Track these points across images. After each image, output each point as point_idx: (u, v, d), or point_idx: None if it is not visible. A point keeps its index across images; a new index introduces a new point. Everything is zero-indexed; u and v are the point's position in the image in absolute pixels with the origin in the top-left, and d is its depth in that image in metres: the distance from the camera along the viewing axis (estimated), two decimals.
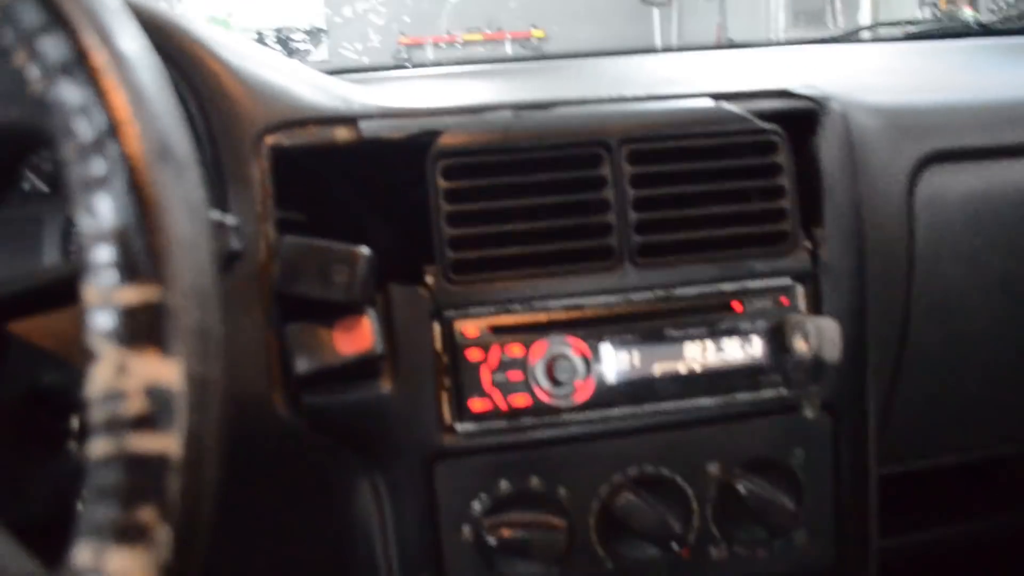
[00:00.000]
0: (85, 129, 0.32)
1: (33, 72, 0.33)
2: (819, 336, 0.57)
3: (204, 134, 0.55)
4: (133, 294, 0.31)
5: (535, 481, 0.60)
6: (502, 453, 0.59)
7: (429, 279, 0.58)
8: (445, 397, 0.58)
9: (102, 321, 0.31)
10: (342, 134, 0.58)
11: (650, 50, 1.16)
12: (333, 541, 0.61)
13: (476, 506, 0.59)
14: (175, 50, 0.56)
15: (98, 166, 0.32)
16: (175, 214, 0.32)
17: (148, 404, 0.30)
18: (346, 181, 0.62)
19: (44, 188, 0.66)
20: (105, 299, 0.31)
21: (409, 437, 0.58)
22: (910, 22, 1.43)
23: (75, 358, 0.35)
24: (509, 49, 4.75)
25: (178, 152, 0.34)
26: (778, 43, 1.25)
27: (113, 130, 0.32)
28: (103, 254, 0.31)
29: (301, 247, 0.52)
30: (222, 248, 0.47)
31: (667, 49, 1.24)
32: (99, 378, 0.30)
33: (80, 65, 0.33)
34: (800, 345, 0.58)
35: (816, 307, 0.63)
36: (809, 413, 0.60)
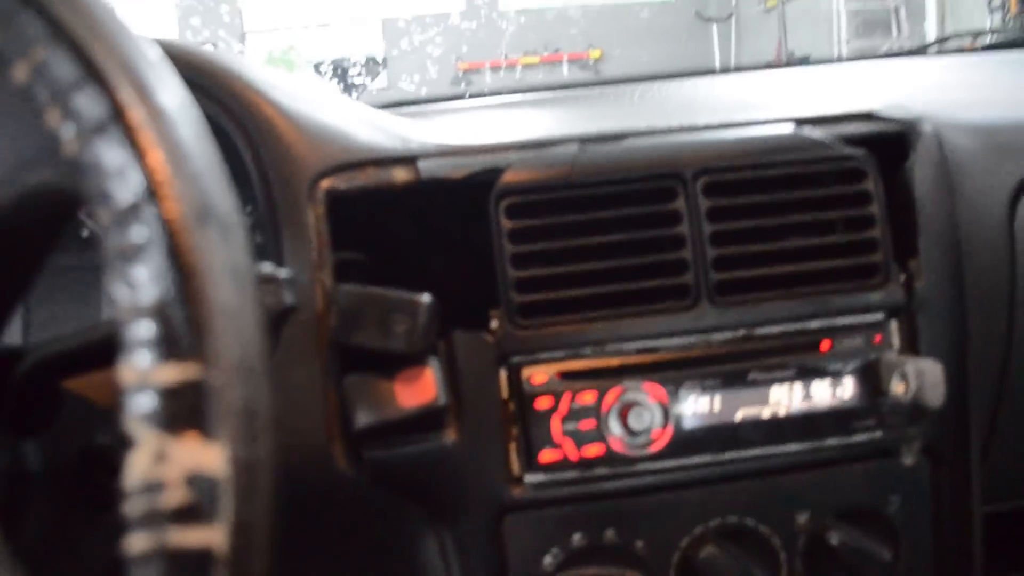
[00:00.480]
0: (121, 193, 0.30)
1: (67, 132, 0.31)
2: (920, 379, 0.52)
3: (257, 180, 0.53)
4: (172, 373, 0.28)
5: (610, 534, 0.56)
6: (575, 505, 0.56)
7: (494, 324, 0.55)
8: (513, 447, 0.55)
9: (139, 403, 0.28)
10: (400, 175, 0.56)
11: (711, 71, 1.12)
12: None
13: (548, 560, 0.56)
14: (226, 95, 0.54)
15: (134, 233, 0.29)
16: (217, 283, 0.30)
17: (190, 494, 0.28)
18: (406, 223, 0.59)
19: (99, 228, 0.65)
20: (142, 379, 0.28)
21: (476, 490, 0.55)
22: (980, 32, 1.36)
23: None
24: (566, 71, 4.73)
25: (221, 213, 0.31)
26: (843, 59, 1.19)
27: (150, 194, 0.30)
28: (139, 330, 0.29)
29: (359, 295, 0.50)
30: (274, 305, 0.45)
31: (728, 69, 1.19)
32: (137, 467, 0.28)
33: (115, 124, 0.31)
34: (898, 388, 0.54)
35: (912, 344, 0.58)
36: (909, 460, 0.56)
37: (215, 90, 0.54)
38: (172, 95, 0.32)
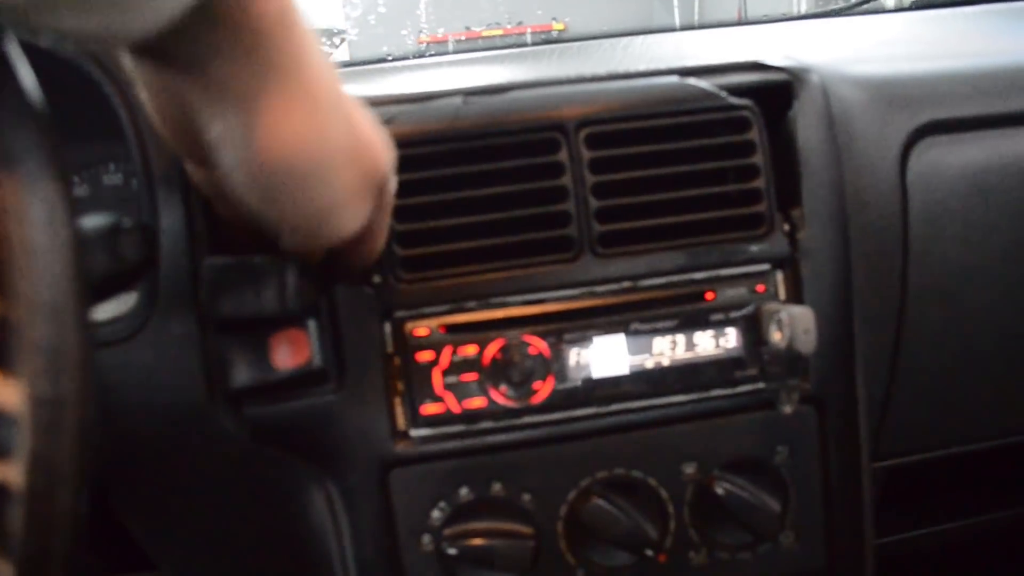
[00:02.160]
0: None
1: None
2: (792, 326, 0.53)
3: (132, 138, 0.53)
4: None
5: (497, 487, 0.56)
6: (460, 459, 0.56)
7: (377, 278, 0.55)
8: (398, 402, 0.55)
9: None
10: None
11: (663, 30, 1.12)
12: (288, 552, 0.58)
13: (435, 515, 0.56)
14: (109, 62, 0.53)
15: None
16: (25, 224, 0.30)
17: None
18: None
19: None
20: None
21: (361, 444, 0.55)
22: None
23: None
24: (529, 40, 4.71)
25: (34, 159, 0.31)
26: (792, 17, 1.19)
27: None
28: None
29: (225, 266, 0.49)
30: (125, 256, 0.45)
31: (682, 28, 1.19)
32: None
33: None
34: (775, 336, 0.54)
35: (797, 294, 0.58)
36: (787, 408, 0.56)
37: (97, 55, 0.53)
38: None
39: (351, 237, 0.45)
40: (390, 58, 1.00)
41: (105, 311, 0.53)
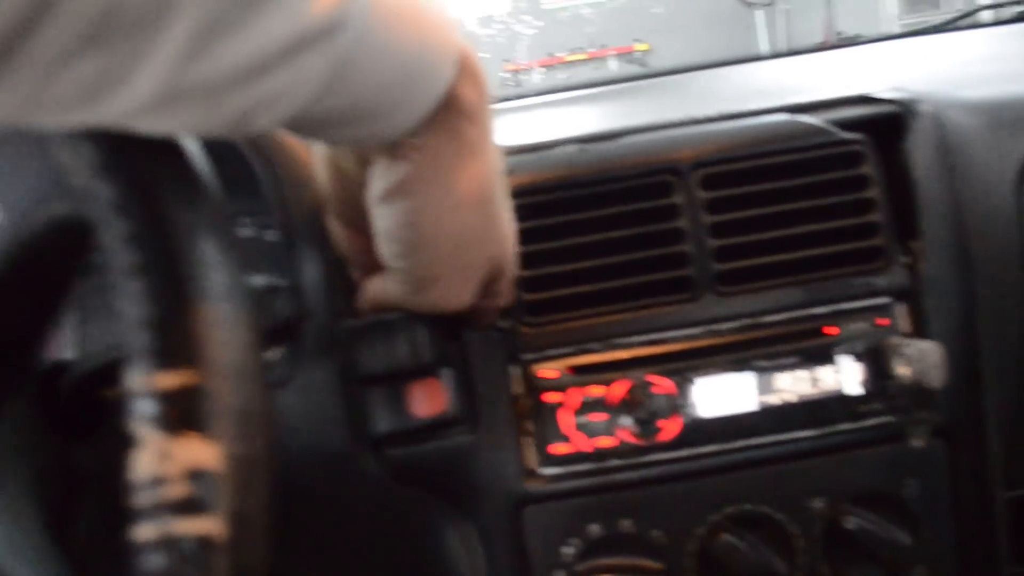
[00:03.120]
0: (122, 220, 0.33)
1: (75, 166, 0.34)
2: (921, 361, 0.53)
3: (273, 197, 0.56)
4: (171, 380, 0.31)
5: (627, 523, 0.58)
6: (590, 496, 0.58)
7: (504, 323, 0.57)
8: (527, 442, 0.57)
9: (143, 407, 0.31)
10: None
11: (757, 58, 1.12)
12: None
13: (567, 551, 0.58)
14: None
15: (133, 253, 0.32)
16: (210, 296, 0.33)
17: (190, 488, 0.31)
18: None
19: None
20: (144, 385, 0.31)
21: (494, 484, 0.57)
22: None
23: None
24: (615, 66, 4.72)
25: (216, 230, 0.34)
26: (889, 36, 1.18)
27: (146, 221, 0.33)
28: (141, 340, 0.32)
29: (358, 327, 0.52)
30: (278, 314, 0.48)
31: (776, 55, 1.19)
32: (142, 464, 0.31)
33: (119, 159, 0.34)
34: (901, 370, 0.54)
35: (920, 326, 0.58)
36: (916, 442, 0.56)
37: None
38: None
39: (452, 311, 0.48)
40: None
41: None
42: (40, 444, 0.50)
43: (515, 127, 0.87)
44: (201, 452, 0.31)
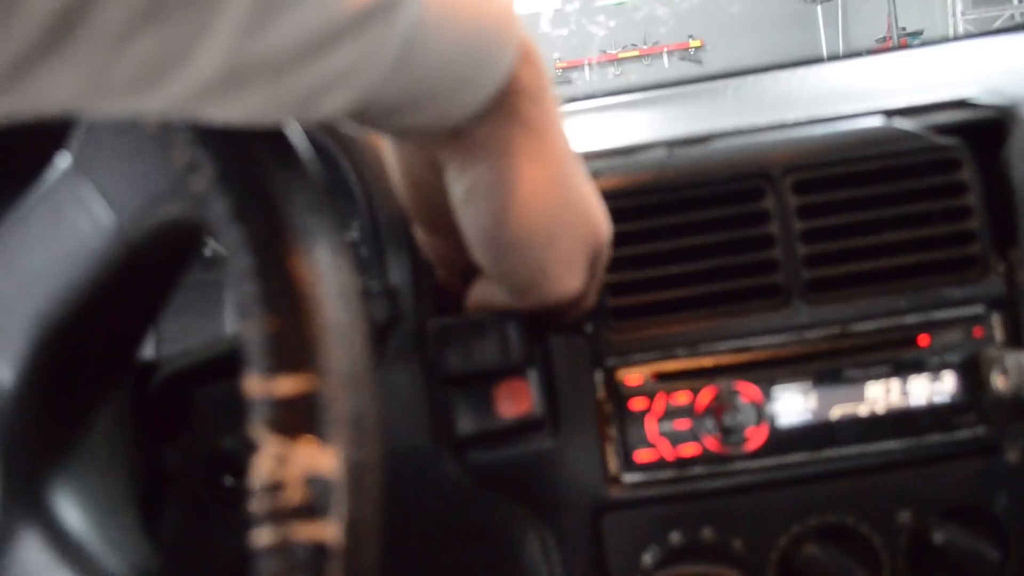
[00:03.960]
0: (241, 226, 0.33)
1: (194, 170, 0.35)
2: (1020, 373, 0.51)
3: (362, 201, 0.57)
4: (289, 385, 0.32)
5: (708, 532, 0.57)
6: (672, 504, 0.57)
7: (589, 327, 0.57)
8: (610, 448, 0.57)
9: (261, 412, 0.32)
10: None
11: (815, 60, 1.10)
12: None
13: (647, 558, 0.57)
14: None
15: (253, 259, 0.33)
16: (327, 303, 0.33)
17: (307, 493, 0.31)
18: None
19: (223, 252, 0.70)
20: (263, 391, 0.32)
21: (575, 489, 0.57)
22: None
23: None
24: (666, 62, 4.69)
25: (329, 239, 0.34)
26: (955, 38, 1.15)
27: (267, 227, 0.33)
28: (259, 345, 0.32)
29: (449, 325, 0.52)
30: (378, 318, 0.48)
31: (833, 57, 1.17)
32: (261, 468, 0.31)
33: (231, 163, 0.34)
34: (999, 382, 0.53)
35: (1016, 337, 0.57)
36: (1012, 456, 0.54)
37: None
38: (282, 129, 0.36)
39: (567, 300, 0.47)
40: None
41: None
42: (133, 441, 0.51)
43: (581, 129, 0.87)
44: (318, 457, 0.32)
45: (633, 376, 0.57)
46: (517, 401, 0.54)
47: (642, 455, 0.56)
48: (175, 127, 0.34)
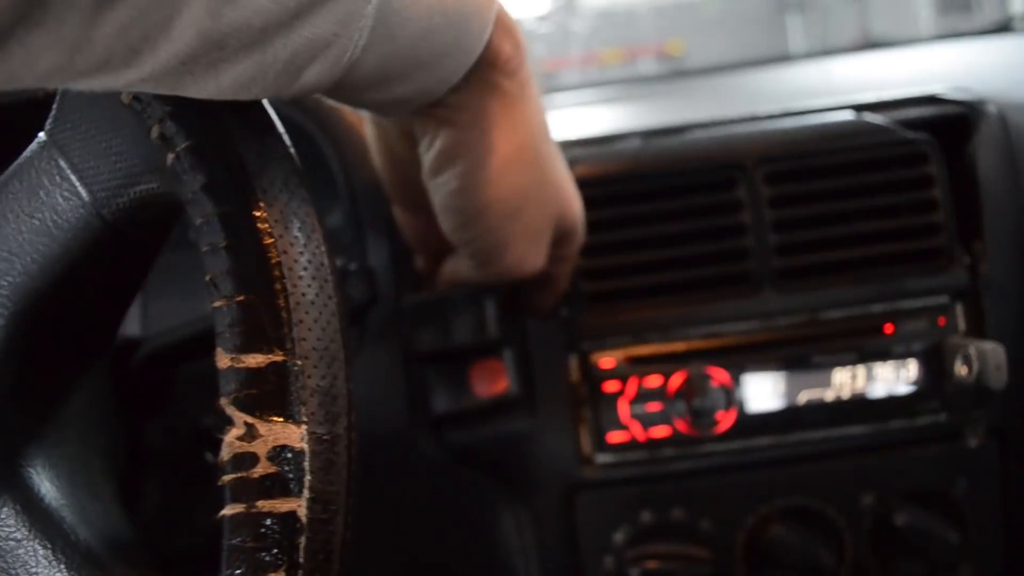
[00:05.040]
0: (213, 200, 0.34)
1: (168, 144, 0.35)
2: (982, 361, 0.53)
3: (342, 183, 0.57)
4: (258, 360, 0.32)
5: (677, 512, 0.59)
6: (643, 484, 0.59)
7: (564, 311, 0.58)
8: (584, 429, 0.58)
9: (231, 386, 0.32)
10: None
11: (788, 58, 1.12)
12: (477, 570, 0.61)
13: (618, 537, 0.59)
14: (311, 102, 0.58)
15: (225, 234, 0.33)
16: (299, 279, 0.34)
17: (275, 467, 0.32)
18: None
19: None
20: (233, 364, 0.32)
21: (549, 469, 0.58)
22: None
23: None
24: (647, 66, 4.71)
25: (303, 217, 0.35)
26: (924, 39, 1.17)
27: (240, 202, 0.34)
28: (230, 319, 0.33)
29: (424, 302, 0.53)
30: (355, 297, 0.49)
31: (807, 56, 1.19)
32: (230, 442, 0.32)
33: (208, 138, 0.34)
34: (961, 370, 0.55)
35: (978, 327, 0.59)
36: (974, 442, 0.56)
37: (305, 102, 0.59)
38: (258, 104, 0.36)
39: (532, 277, 0.48)
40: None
41: None
42: (113, 417, 0.51)
43: (562, 121, 0.89)
44: (286, 432, 0.32)
45: (607, 359, 0.58)
46: (492, 380, 0.55)
47: (615, 436, 0.58)
48: (149, 100, 0.35)
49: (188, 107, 0.34)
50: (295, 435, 0.32)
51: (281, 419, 0.32)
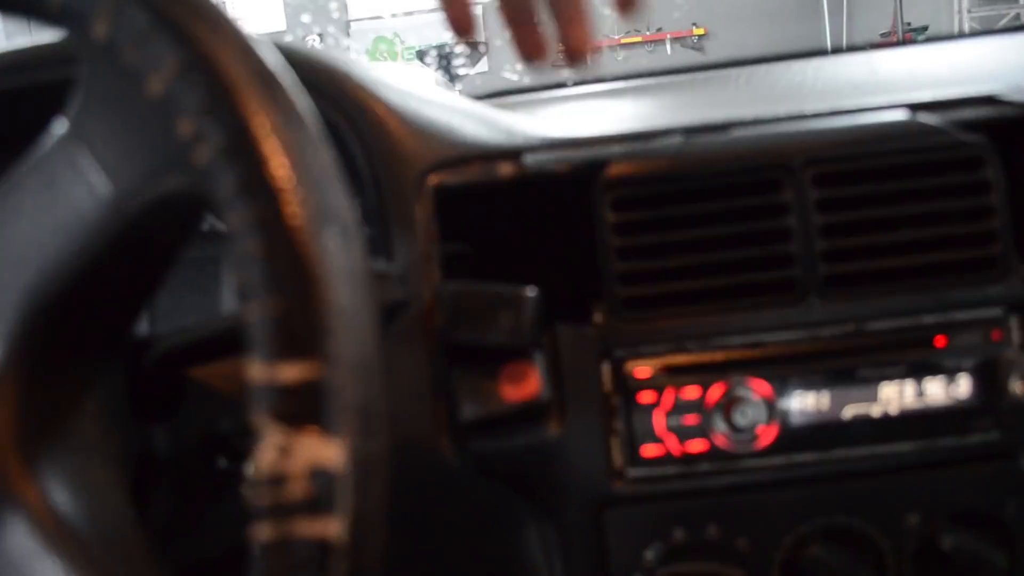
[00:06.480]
0: (247, 201, 0.31)
1: (197, 141, 0.33)
2: None
3: (368, 176, 0.55)
4: (294, 372, 0.30)
5: (712, 530, 0.56)
6: (677, 500, 0.56)
7: (598, 317, 0.55)
8: (616, 441, 0.55)
9: (265, 400, 0.30)
10: (506, 169, 0.56)
11: (822, 52, 1.08)
12: None
13: (649, 555, 0.56)
14: (338, 93, 0.55)
15: (260, 238, 0.31)
16: (337, 286, 0.31)
17: (311, 487, 0.29)
18: (512, 216, 0.60)
19: (222, 228, 0.68)
20: (267, 377, 0.30)
21: (578, 482, 0.56)
22: None
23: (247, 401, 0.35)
24: (669, 49, 4.66)
25: (340, 218, 0.33)
26: (963, 34, 1.14)
27: (274, 202, 0.31)
28: (265, 330, 0.30)
29: (463, 292, 0.51)
30: (386, 301, 0.46)
31: (838, 50, 1.15)
32: (263, 459, 0.30)
33: (242, 134, 0.32)
34: (1017, 388, 0.52)
35: None
36: None
37: (327, 89, 0.56)
38: (294, 104, 0.34)
39: None
40: (559, 84, 1.01)
41: None
42: (125, 421, 0.49)
43: (590, 112, 0.86)
44: (323, 449, 0.30)
45: (642, 368, 0.55)
46: (523, 384, 0.53)
47: (648, 450, 0.55)
48: (182, 94, 0.32)
49: (223, 100, 0.32)
50: (333, 453, 0.30)
51: (318, 435, 0.30)
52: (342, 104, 0.55)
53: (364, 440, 0.31)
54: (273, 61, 0.34)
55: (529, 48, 0.49)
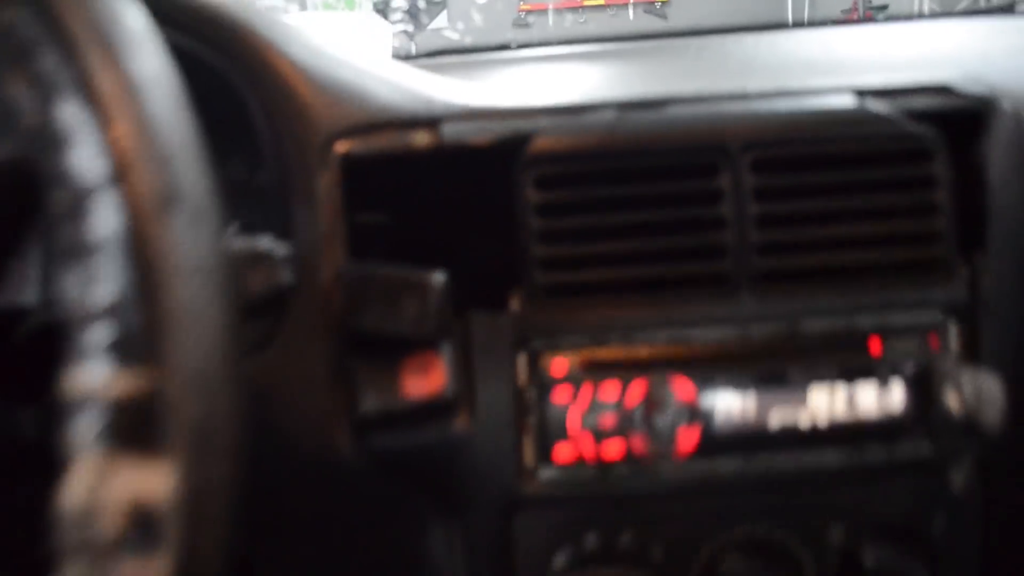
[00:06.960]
0: (80, 173, 0.26)
1: (28, 100, 0.27)
2: (977, 395, 0.47)
3: (270, 141, 0.50)
4: (120, 384, 0.25)
5: (627, 537, 0.53)
6: (590, 504, 0.52)
7: (515, 305, 0.51)
8: (528, 439, 0.51)
9: (82, 417, 0.25)
10: (421, 138, 0.51)
11: (782, 25, 1.04)
12: None
13: (559, 560, 0.53)
14: (237, 48, 0.50)
15: (91, 221, 0.26)
16: (180, 280, 0.26)
17: (129, 525, 0.25)
18: (428, 192, 0.55)
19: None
20: (87, 390, 0.25)
21: (486, 483, 0.52)
22: None
23: None
24: (631, 14, 4.58)
25: (191, 199, 0.28)
26: (921, 16, 1.11)
27: (112, 175, 0.26)
28: (89, 334, 0.25)
29: (366, 276, 0.46)
30: (269, 286, 0.42)
31: (800, 24, 1.11)
32: (74, 490, 0.25)
33: (79, 92, 0.27)
34: (951, 400, 0.49)
35: (973, 349, 0.52)
36: (958, 480, 0.51)
37: (225, 43, 0.50)
38: (146, 61, 0.29)
39: None
40: (508, 45, 0.96)
41: None
42: None
43: (532, 77, 0.81)
44: (148, 478, 0.25)
45: (559, 362, 0.51)
46: (427, 379, 0.48)
47: (562, 450, 0.51)
48: (11, 44, 0.27)
49: (60, 55, 0.27)
50: (159, 483, 0.25)
51: (144, 461, 0.25)
52: (241, 59, 0.50)
53: (201, 465, 0.26)
54: (128, 13, 0.29)
55: None
